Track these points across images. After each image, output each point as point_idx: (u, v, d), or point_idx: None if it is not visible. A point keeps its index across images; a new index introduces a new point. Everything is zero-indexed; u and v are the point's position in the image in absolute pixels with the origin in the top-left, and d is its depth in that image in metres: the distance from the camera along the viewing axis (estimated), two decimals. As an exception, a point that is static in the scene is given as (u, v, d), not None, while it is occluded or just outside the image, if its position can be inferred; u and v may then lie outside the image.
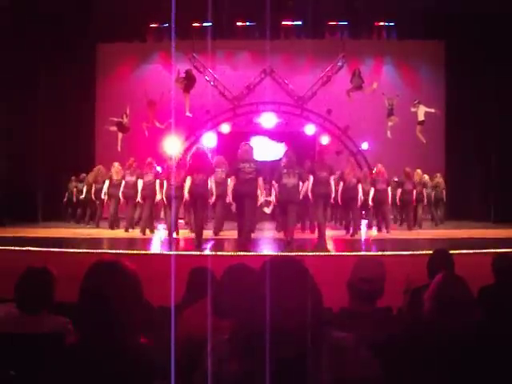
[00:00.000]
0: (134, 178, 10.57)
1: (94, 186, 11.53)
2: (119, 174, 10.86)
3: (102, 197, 11.12)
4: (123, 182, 10.69)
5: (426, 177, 12.56)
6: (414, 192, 11.45)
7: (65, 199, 13.39)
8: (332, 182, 9.07)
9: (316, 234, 9.05)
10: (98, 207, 11.78)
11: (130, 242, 9.26)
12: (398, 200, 11.47)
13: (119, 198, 10.84)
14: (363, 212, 11.38)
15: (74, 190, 13.00)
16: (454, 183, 14.33)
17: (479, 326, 2.31)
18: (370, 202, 10.67)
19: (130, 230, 10.61)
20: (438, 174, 13.06)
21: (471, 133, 13.89)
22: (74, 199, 13.03)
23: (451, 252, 3.87)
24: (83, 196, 12.23)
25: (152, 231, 10.64)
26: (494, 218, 12.87)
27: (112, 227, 10.90)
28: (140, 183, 10.40)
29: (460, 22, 13.47)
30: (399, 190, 11.41)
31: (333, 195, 9.31)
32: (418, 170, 12.02)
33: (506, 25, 11.96)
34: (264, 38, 14.46)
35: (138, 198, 10.45)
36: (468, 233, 10.52)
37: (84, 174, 12.71)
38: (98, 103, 15.68)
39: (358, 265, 2.63)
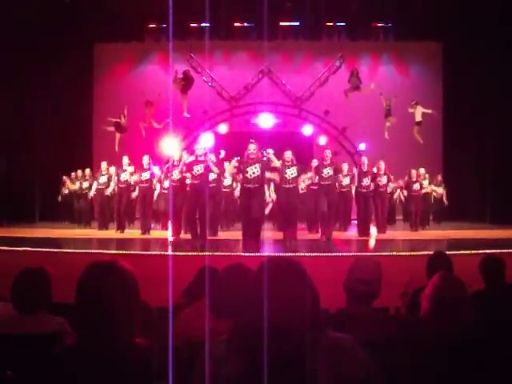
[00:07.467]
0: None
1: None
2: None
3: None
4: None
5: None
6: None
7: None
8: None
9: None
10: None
11: (128, 243, 9.24)
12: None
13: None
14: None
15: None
16: (451, 184, 14.34)
17: (476, 326, 2.31)
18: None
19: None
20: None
21: (468, 134, 13.90)
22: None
23: (448, 252, 3.90)
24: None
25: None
26: (490, 218, 12.88)
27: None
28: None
29: (457, 23, 13.48)
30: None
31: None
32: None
33: (504, 25, 11.97)
34: (262, 38, 14.46)
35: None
36: (465, 233, 10.54)
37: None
38: (95, 103, 15.64)
39: (354, 266, 2.62)
